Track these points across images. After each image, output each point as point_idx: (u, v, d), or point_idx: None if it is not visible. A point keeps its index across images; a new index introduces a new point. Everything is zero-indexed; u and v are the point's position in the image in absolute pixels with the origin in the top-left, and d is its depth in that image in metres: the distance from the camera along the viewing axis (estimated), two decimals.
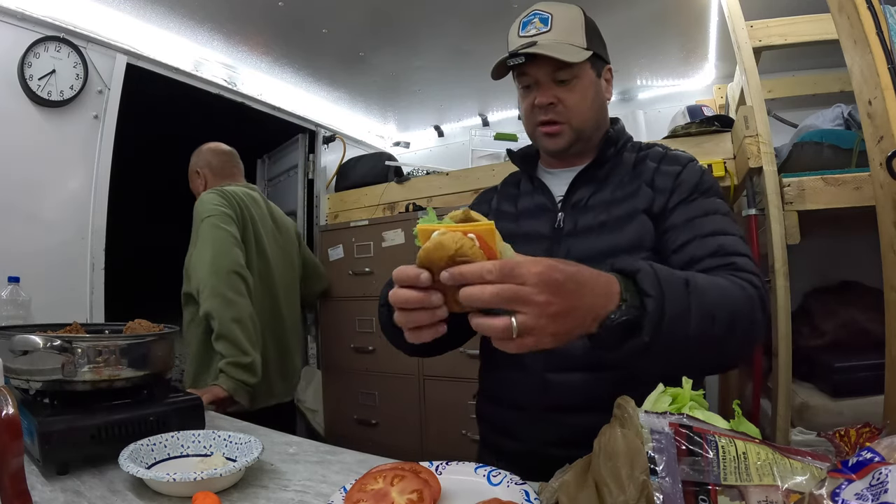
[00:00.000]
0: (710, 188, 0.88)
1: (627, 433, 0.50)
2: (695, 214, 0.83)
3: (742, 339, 0.68)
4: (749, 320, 0.68)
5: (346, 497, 0.62)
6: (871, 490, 0.38)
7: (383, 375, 2.38)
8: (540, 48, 0.86)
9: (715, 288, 0.67)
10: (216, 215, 1.69)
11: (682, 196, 0.86)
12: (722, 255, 0.77)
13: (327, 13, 1.98)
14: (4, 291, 1.49)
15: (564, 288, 0.54)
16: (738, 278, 0.71)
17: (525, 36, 0.90)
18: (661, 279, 0.61)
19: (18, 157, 1.70)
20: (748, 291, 0.69)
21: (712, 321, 0.63)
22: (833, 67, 2.09)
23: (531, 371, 0.86)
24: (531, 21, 0.90)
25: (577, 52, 0.87)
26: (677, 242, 0.82)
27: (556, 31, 0.88)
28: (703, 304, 0.63)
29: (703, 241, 0.79)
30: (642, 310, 0.59)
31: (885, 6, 0.99)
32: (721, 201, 0.87)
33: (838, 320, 1.73)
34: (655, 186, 0.88)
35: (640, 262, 0.63)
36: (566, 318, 0.55)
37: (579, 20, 0.91)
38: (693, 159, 0.92)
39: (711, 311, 0.63)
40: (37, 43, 1.72)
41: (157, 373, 0.94)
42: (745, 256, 0.77)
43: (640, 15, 1.96)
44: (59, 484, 0.75)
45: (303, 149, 2.87)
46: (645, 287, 0.60)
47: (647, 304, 0.59)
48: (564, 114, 0.90)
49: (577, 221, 0.90)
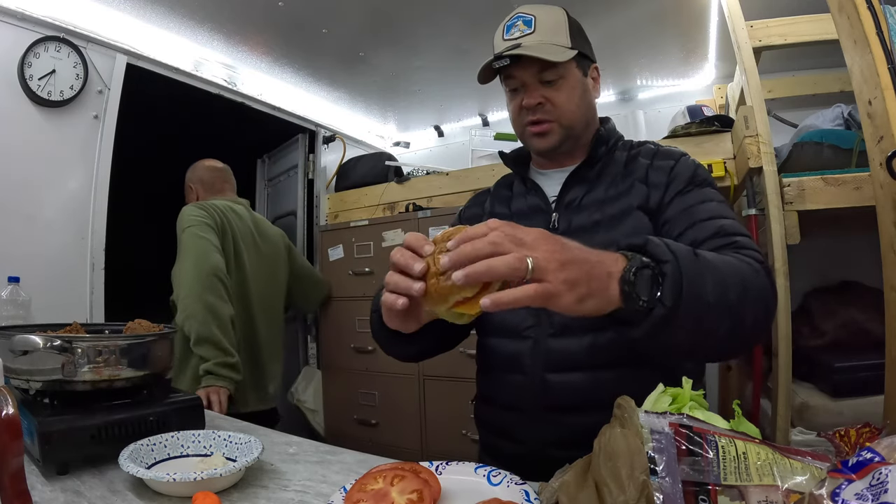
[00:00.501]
0: (703, 180, 0.88)
1: (627, 433, 0.50)
2: (691, 203, 0.84)
3: (756, 310, 0.67)
4: (760, 288, 0.68)
5: (346, 497, 0.62)
6: (871, 490, 0.38)
7: (383, 375, 2.38)
8: (524, 49, 0.86)
9: (721, 260, 0.67)
10: (196, 225, 1.75)
11: (677, 189, 0.86)
12: (723, 236, 0.77)
13: (327, 13, 1.98)
14: (4, 291, 1.49)
15: (567, 243, 0.57)
16: (741, 255, 0.71)
17: (509, 39, 0.90)
18: (671, 246, 0.60)
19: (18, 157, 1.70)
20: (754, 266, 0.69)
21: (726, 288, 0.62)
22: (833, 67, 2.09)
23: (530, 372, 0.86)
24: (514, 24, 0.91)
25: (561, 51, 0.88)
26: (676, 231, 0.82)
27: (540, 32, 0.89)
28: (714, 272, 0.62)
29: (703, 225, 0.80)
30: (659, 269, 0.58)
31: (885, 6, 0.99)
32: (715, 191, 0.88)
33: (838, 320, 1.73)
34: (650, 182, 0.88)
35: (646, 236, 0.63)
36: (577, 266, 0.55)
37: (563, 21, 0.92)
38: (685, 154, 0.93)
39: (724, 278, 0.63)
40: (37, 43, 1.72)
41: (157, 373, 0.94)
42: (746, 236, 0.77)
43: (639, 15, 1.96)
44: (59, 484, 0.75)
45: (303, 149, 2.87)
46: (658, 254, 0.59)
47: (665, 269, 0.58)
48: (553, 112, 0.91)
49: (571, 221, 0.90)
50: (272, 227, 2.15)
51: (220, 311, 1.64)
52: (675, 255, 0.59)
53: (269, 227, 2.13)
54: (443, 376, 2.19)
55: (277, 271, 2.09)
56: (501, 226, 0.56)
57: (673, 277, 0.58)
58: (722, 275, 0.63)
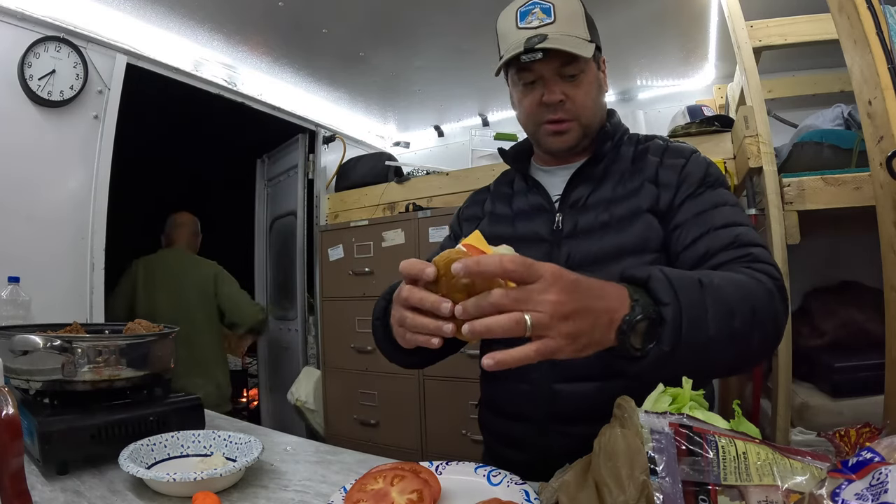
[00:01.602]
0: (716, 180, 0.84)
1: (627, 433, 0.49)
2: (704, 208, 0.80)
3: (764, 333, 0.66)
4: (770, 311, 0.66)
5: (346, 497, 0.62)
6: (871, 490, 0.38)
7: (383, 375, 2.38)
8: (553, 42, 0.80)
9: (731, 283, 0.65)
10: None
11: (689, 190, 0.83)
12: (738, 247, 0.74)
13: (327, 13, 1.98)
14: (4, 291, 1.49)
15: (578, 286, 0.54)
16: (755, 270, 0.69)
17: (527, 27, 0.83)
18: (674, 283, 0.59)
19: (18, 157, 1.70)
20: (766, 285, 0.67)
21: (732, 317, 0.61)
22: (833, 67, 2.09)
23: (538, 382, 0.83)
24: (532, 11, 0.84)
25: (584, 44, 0.82)
26: (689, 238, 0.78)
27: (561, 22, 0.83)
28: (720, 302, 0.61)
29: (717, 234, 0.76)
30: (658, 315, 0.58)
31: (885, 6, 0.99)
32: (728, 192, 0.84)
33: (838, 320, 1.73)
34: (660, 182, 0.84)
35: (650, 269, 0.61)
36: (581, 318, 0.54)
37: (580, 10, 0.86)
38: (696, 151, 0.89)
39: (730, 306, 0.62)
40: (37, 43, 1.72)
41: (157, 373, 0.94)
42: (761, 247, 0.75)
43: (640, 15, 1.96)
44: (59, 484, 0.75)
45: (303, 149, 2.87)
46: (660, 295, 0.58)
47: (665, 313, 0.58)
48: (572, 111, 0.86)
49: (576, 222, 0.86)
50: (199, 268, 2.55)
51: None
52: (676, 295, 0.58)
53: (194, 269, 2.54)
54: (443, 376, 2.19)
55: (192, 308, 2.47)
56: (514, 265, 0.52)
57: (673, 322, 0.57)
58: (728, 304, 0.62)
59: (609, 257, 0.81)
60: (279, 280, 3.15)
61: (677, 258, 0.79)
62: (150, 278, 2.46)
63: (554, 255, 0.86)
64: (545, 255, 0.86)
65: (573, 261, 0.83)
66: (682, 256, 0.79)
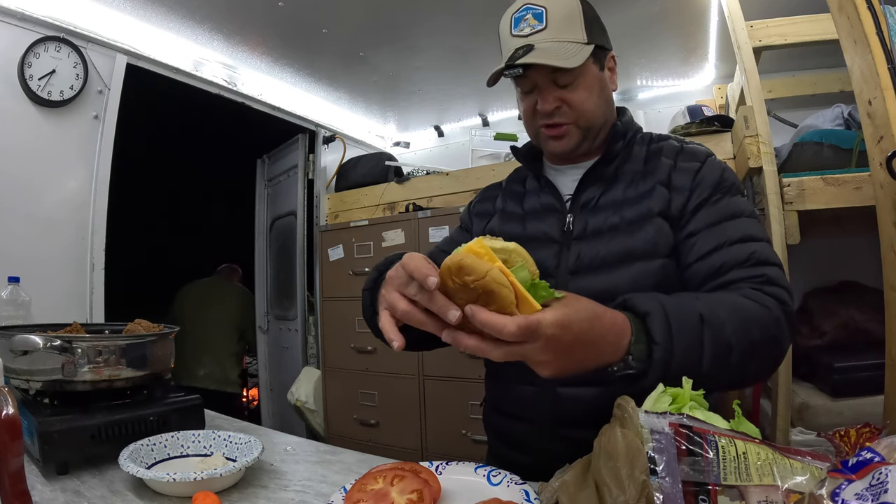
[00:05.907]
0: (732, 185, 0.82)
1: (627, 433, 0.49)
2: (720, 218, 0.78)
3: (761, 363, 0.67)
4: (772, 342, 0.67)
5: (346, 497, 0.62)
6: (871, 490, 0.38)
7: (383, 375, 2.38)
8: (537, 55, 0.79)
9: (735, 315, 0.65)
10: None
11: (703, 196, 0.80)
12: (753, 265, 0.73)
13: (327, 13, 1.98)
14: (4, 291, 1.49)
15: (574, 347, 0.56)
16: (765, 294, 0.69)
17: (519, 35, 0.82)
18: (671, 323, 0.60)
19: (18, 157, 1.70)
20: (774, 312, 0.67)
21: (728, 353, 0.63)
22: (833, 67, 2.09)
23: (542, 384, 0.82)
24: (524, 17, 0.82)
25: (577, 50, 0.80)
26: (704, 249, 0.77)
27: (553, 27, 0.81)
28: (718, 340, 0.62)
29: (733, 249, 0.75)
30: (648, 361, 0.60)
31: (885, 6, 0.99)
32: (745, 200, 0.82)
33: (838, 320, 1.73)
34: (672, 185, 0.82)
35: (653, 302, 0.62)
36: (569, 368, 0.58)
37: (576, 10, 0.83)
38: (711, 154, 0.86)
39: (728, 343, 0.63)
40: (37, 43, 1.72)
41: (157, 373, 0.94)
42: (776, 266, 0.74)
43: (640, 15, 1.96)
44: (59, 484, 0.75)
45: (303, 149, 2.87)
46: (654, 334, 0.60)
47: (654, 352, 0.59)
48: (569, 114, 0.85)
49: (587, 224, 0.85)
50: (228, 298, 3.30)
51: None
52: (671, 336, 0.60)
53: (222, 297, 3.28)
54: (443, 376, 2.19)
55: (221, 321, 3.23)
56: (518, 332, 0.51)
57: (661, 361, 0.59)
58: (727, 341, 0.63)
59: (618, 261, 0.80)
60: (279, 280, 3.16)
61: (689, 268, 0.78)
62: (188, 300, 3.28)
63: (563, 256, 0.85)
64: (555, 256, 0.85)
65: (582, 262, 0.83)
66: (695, 267, 0.77)
